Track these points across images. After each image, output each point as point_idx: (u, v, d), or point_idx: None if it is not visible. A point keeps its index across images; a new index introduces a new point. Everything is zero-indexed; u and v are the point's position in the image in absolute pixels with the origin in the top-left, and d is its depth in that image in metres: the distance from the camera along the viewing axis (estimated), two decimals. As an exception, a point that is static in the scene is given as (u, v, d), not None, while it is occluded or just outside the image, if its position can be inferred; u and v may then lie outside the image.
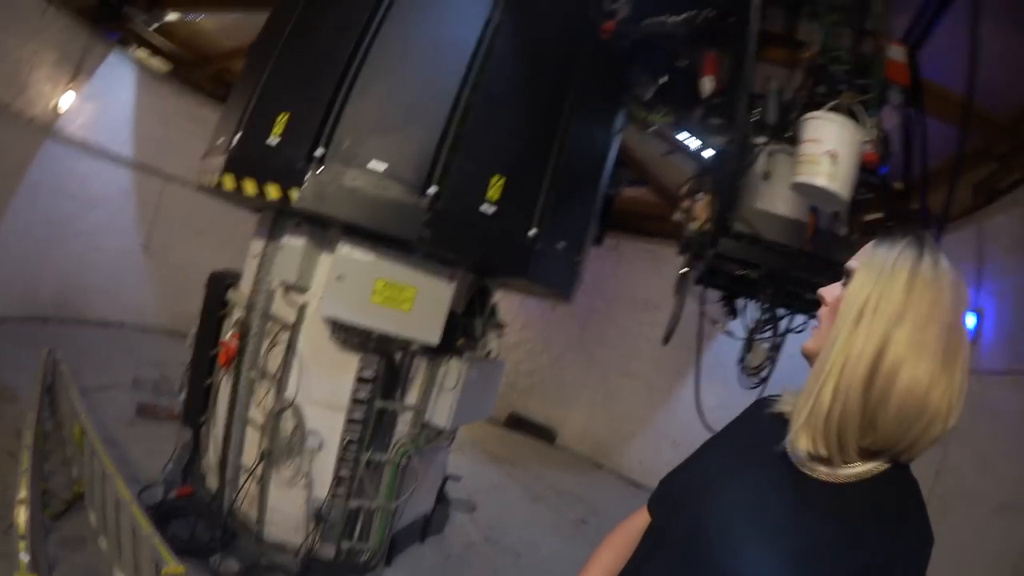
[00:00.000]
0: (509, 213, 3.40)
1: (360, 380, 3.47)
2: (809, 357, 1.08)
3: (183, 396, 4.19)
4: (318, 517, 3.50)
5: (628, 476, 7.83)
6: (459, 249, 3.30)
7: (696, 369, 3.66)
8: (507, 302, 4.39)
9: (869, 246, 1.05)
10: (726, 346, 4.25)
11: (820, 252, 3.25)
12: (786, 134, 3.24)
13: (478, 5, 3.42)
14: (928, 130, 3.15)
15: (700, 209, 3.84)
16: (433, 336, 3.48)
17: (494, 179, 3.33)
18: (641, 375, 8.24)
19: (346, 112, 3.15)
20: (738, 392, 3.84)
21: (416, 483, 3.81)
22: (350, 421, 3.48)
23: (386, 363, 3.50)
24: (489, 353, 4.19)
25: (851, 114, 2.64)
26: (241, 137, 3.35)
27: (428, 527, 4.50)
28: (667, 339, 3.96)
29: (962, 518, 3.39)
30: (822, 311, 1.10)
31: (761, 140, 3.26)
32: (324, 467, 3.51)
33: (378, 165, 3.09)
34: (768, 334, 3.90)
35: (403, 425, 3.69)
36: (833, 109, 2.67)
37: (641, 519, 1.30)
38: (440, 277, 3.45)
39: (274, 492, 3.56)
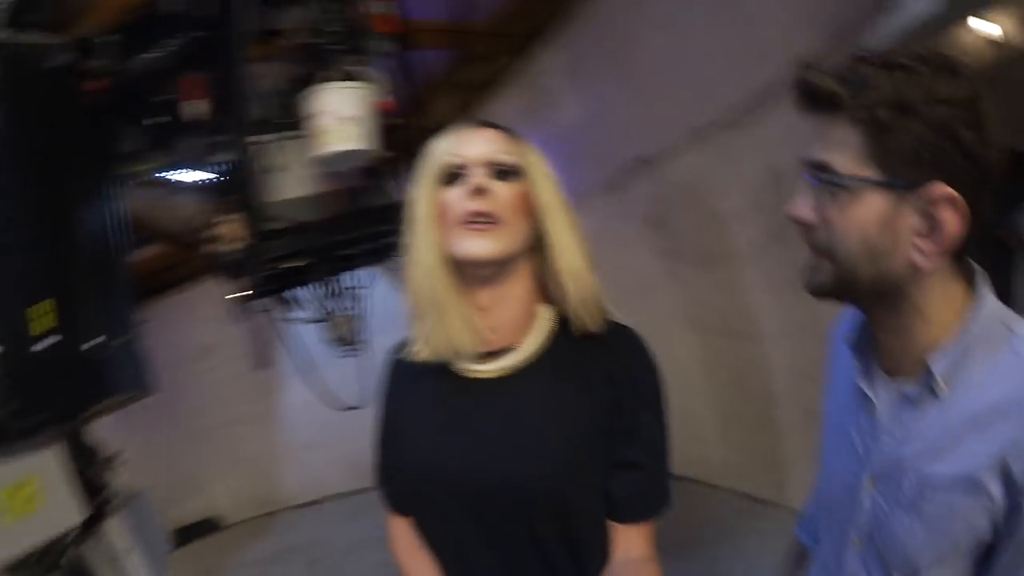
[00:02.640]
0: (69, 336, 2.81)
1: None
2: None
3: None
4: None
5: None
6: (50, 407, 2.61)
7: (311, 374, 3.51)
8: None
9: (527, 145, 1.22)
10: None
11: (361, 205, 3.37)
12: (290, 121, 3.15)
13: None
14: (424, 59, 3.44)
15: (235, 229, 3.72)
16: (74, 514, 2.77)
17: (35, 309, 2.67)
18: (225, 419, 7.64)
19: None
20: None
21: None
22: None
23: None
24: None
25: (351, 76, 2.70)
26: None
27: None
28: (262, 364, 3.74)
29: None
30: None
31: (270, 137, 3.18)
32: None
33: None
34: (345, 302, 4.08)
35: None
36: (331, 78, 2.70)
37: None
38: (41, 448, 2.69)
39: None
